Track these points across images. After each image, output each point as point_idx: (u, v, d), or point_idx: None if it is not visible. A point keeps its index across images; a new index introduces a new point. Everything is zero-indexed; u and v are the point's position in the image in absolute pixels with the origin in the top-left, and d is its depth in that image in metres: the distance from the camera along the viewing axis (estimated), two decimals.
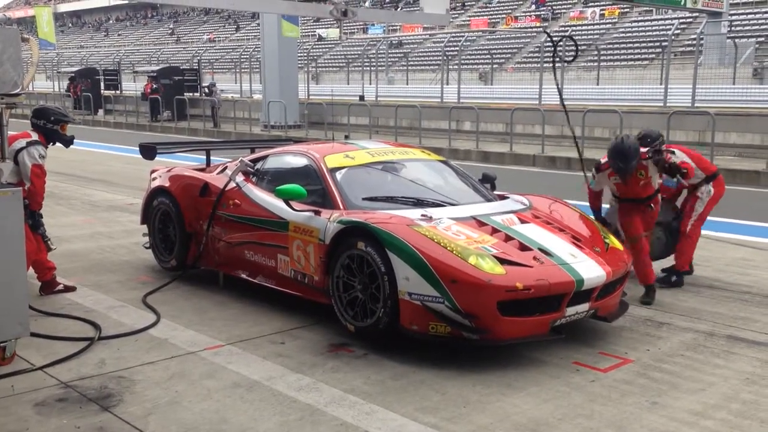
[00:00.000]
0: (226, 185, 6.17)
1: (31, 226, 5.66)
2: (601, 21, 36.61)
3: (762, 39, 26.07)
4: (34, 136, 5.81)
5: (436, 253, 4.53)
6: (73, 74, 35.37)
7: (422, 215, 5.03)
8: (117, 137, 23.60)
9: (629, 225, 6.04)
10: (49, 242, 6.03)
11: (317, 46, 41.78)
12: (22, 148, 5.65)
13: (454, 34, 35.46)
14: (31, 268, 5.69)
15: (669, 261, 6.54)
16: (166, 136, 23.59)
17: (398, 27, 43.04)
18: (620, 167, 5.74)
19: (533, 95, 21.11)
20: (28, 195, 5.60)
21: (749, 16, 30.15)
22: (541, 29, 35.42)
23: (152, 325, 5.25)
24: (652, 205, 6.11)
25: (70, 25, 79.75)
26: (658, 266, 6.40)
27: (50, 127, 5.89)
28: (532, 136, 18.30)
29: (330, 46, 42.93)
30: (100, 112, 32.72)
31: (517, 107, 18.50)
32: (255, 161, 6.37)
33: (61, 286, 6.07)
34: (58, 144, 6.07)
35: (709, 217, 6.51)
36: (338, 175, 5.64)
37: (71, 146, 6.23)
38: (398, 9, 41.63)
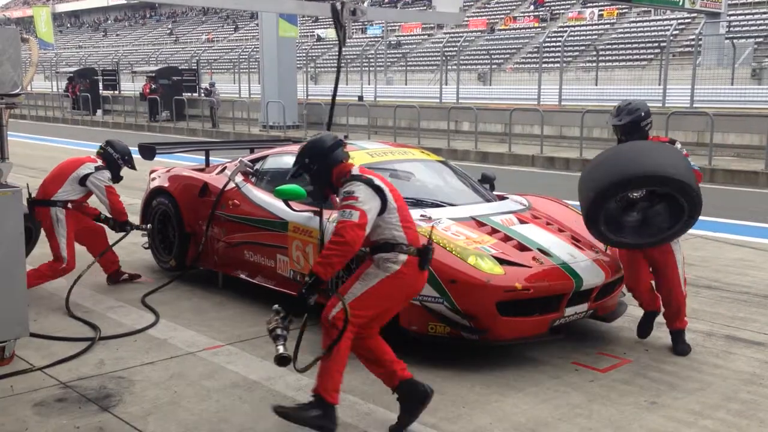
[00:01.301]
0: (225, 185, 6.17)
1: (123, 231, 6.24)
2: (600, 21, 36.63)
3: (760, 39, 26.10)
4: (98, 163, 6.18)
5: (436, 253, 4.51)
6: (71, 74, 35.32)
7: (421, 215, 5.03)
8: (116, 137, 23.58)
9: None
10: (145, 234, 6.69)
11: (316, 47, 41.78)
12: (90, 173, 6.01)
13: (452, 34, 35.49)
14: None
15: None
16: (164, 137, 23.57)
17: (397, 27, 43.03)
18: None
19: (532, 96, 21.11)
20: (112, 212, 6.12)
21: (747, 17, 30.18)
22: (539, 29, 35.47)
23: (151, 326, 5.25)
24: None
25: (69, 25, 79.72)
26: None
27: (120, 163, 6.28)
28: (530, 137, 18.30)
29: (329, 46, 42.91)
30: (99, 112, 32.69)
31: (516, 108, 18.49)
32: (254, 161, 6.37)
33: (126, 275, 6.42)
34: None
35: (708, 218, 6.49)
36: None
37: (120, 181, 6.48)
38: (397, 8, 41.62)
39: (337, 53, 6.79)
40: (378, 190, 3.63)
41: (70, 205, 5.93)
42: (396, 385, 3.73)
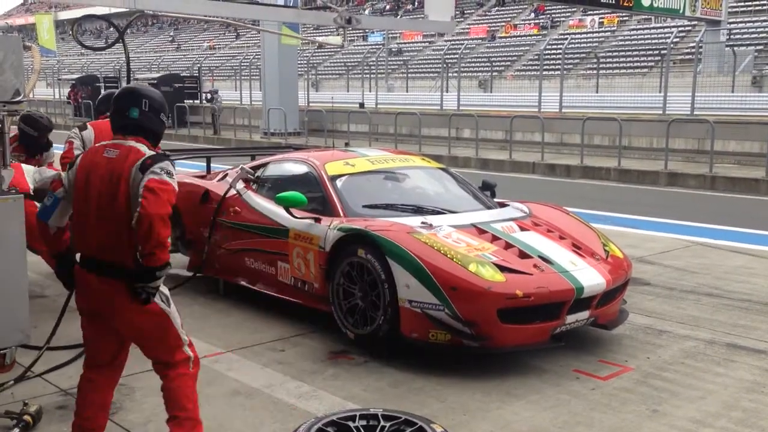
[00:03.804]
0: (226, 192, 6.17)
1: None
2: (601, 29, 36.68)
3: (761, 47, 26.15)
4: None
5: (437, 260, 4.53)
6: (73, 81, 35.41)
7: (422, 223, 5.04)
8: None
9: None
10: None
11: (317, 54, 41.86)
12: None
13: (453, 42, 35.54)
14: None
15: None
16: (165, 144, 23.52)
17: (398, 35, 43.12)
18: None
19: (533, 103, 21.14)
20: None
21: (748, 25, 30.21)
22: (540, 37, 35.54)
23: None
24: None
25: (71, 32, 79.86)
26: None
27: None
28: (531, 144, 18.32)
29: (330, 53, 43.02)
30: None
31: (517, 115, 18.53)
32: (255, 168, 6.38)
33: None
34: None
35: (709, 225, 6.49)
36: (338, 182, 5.65)
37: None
38: (398, 16, 41.73)
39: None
40: None
41: None
42: None
